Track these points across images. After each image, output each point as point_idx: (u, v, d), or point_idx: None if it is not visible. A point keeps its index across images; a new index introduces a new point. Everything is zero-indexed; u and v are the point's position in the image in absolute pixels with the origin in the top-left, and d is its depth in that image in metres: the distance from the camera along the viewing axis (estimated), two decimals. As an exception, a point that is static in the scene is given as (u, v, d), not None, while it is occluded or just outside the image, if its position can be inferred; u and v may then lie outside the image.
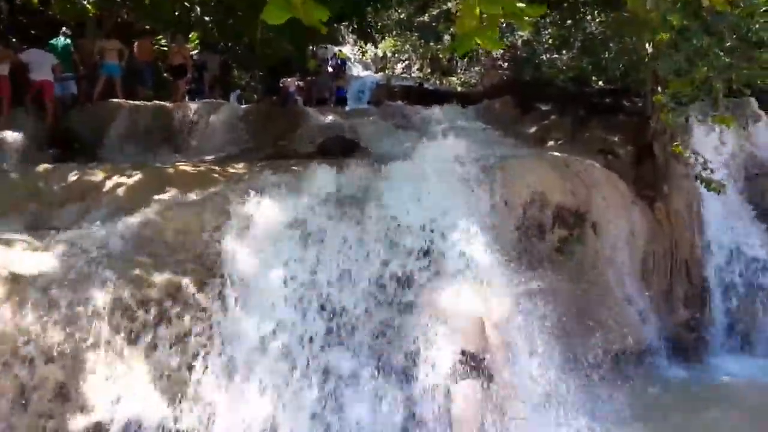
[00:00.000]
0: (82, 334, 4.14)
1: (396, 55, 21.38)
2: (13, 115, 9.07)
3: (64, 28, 10.89)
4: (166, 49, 13.43)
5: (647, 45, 9.27)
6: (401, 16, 15.97)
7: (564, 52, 13.26)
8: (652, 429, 5.11)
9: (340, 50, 19.22)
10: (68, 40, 10.74)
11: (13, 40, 11.30)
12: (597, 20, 12.38)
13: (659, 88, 8.36)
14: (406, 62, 21.51)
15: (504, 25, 9.77)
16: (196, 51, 14.09)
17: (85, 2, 11.31)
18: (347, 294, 4.66)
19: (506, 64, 15.53)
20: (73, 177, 6.05)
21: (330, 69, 17.17)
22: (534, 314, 5.15)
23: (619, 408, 5.70)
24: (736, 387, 6.82)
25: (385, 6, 12.51)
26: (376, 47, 19.33)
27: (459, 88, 17.37)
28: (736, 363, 7.66)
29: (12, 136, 8.26)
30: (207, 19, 11.82)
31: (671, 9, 7.50)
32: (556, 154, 8.05)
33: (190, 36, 13.75)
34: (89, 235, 4.77)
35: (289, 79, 14.62)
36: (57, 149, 8.66)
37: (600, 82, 13.26)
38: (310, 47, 14.43)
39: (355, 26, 12.74)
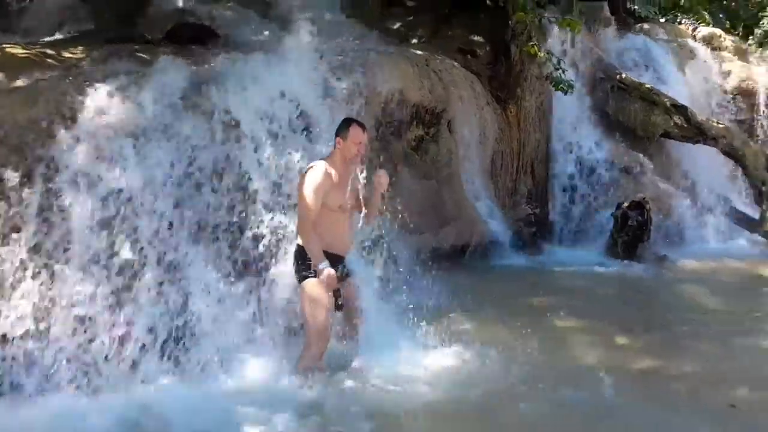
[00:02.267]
0: None
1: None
2: None
3: None
4: None
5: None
6: None
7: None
8: (490, 311, 5.55)
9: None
10: None
11: None
12: None
13: (519, -12, 8.48)
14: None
15: None
16: None
17: None
18: (192, 191, 4.55)
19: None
20: None
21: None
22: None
23: (462, 294, 6.13)
24: (567, 274, 7.53)
25: None
26: None
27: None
28: (570, 254, 8.42)
29: None
30: None
31: None
32: (418, 51, 8.07)
33: None
34: None
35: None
36: None
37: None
38: None
39: None
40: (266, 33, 7.87)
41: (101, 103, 4.54)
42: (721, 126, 10.29)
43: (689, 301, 6.79)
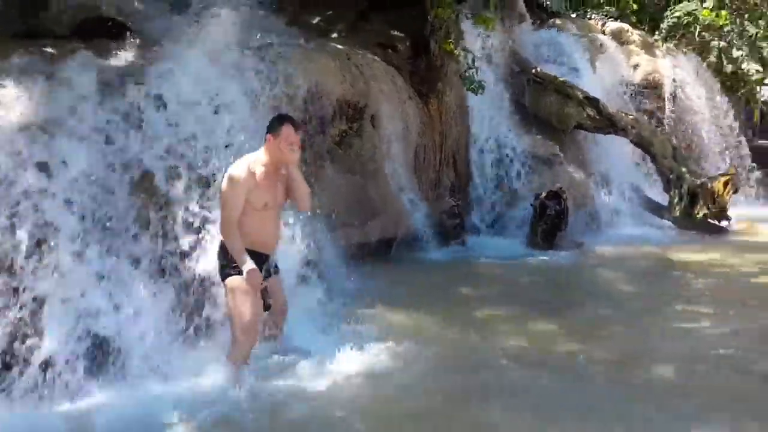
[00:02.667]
0: None
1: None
2: None
3: None
4: None
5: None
6: None
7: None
8: (417, 304, 5.60)
9: None
10: None
11: None
12: None
13: (437, -17, 8.59)
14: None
15: None
16: None
17: None
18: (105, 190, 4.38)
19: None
20: None
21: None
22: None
23: (388, 287, 6.18)
24: (490, 264, 7.70)
25: None
26: None
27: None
28: (493, 244, 8.62)
29: None
30: None
31: None
32: (338, 46, 8.04)
33: None
34: None
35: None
36: None
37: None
38: None
39: None
40: (181, 27, 7.64)
41: (6, 99, 4.30)
42: (630, 117, 10.78)
43: (606, 286, 7.08)
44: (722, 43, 13.95)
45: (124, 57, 5.59)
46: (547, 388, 4.14)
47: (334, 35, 9.31)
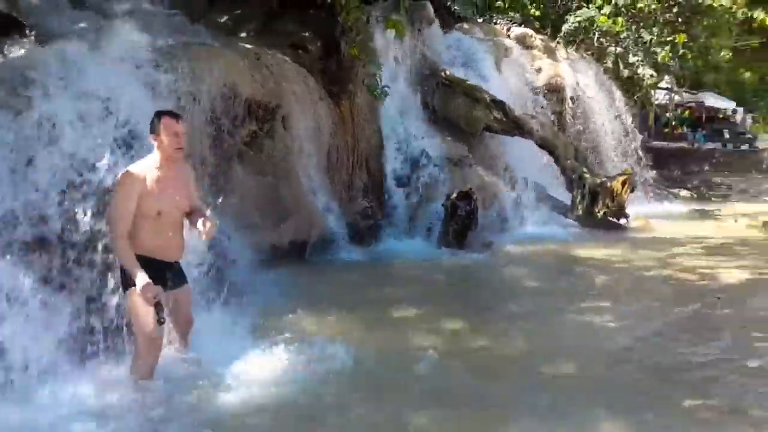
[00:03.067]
0: None
1: None
2: None
3: None
4: None
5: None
6: None
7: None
8: (331, 306, 5.58)
9: None
10: None
11: None
12: None
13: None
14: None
15: None
16: None
17: None
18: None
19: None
20: None
21: None
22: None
23: (302, 290, 6.14)
24: (403, 265, 7.78)
25: None
26: None
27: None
28: (406, 245, 8.70)
29: None
30: None
31: None
32: (247, 46, 7.90)
33: None
34: None
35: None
36: None
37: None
38: None
39: None
40: (81, 24, 7.29)
41: None
42: (534, 120, 11.17)
43: (514, 284, 7.30)
44: (619, 49, 14.69)
45: (17, 53, 5.28)
46: (460, 383, 4.23)
47: (243, 35, 9.16)
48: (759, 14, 14.38)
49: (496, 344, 5.00)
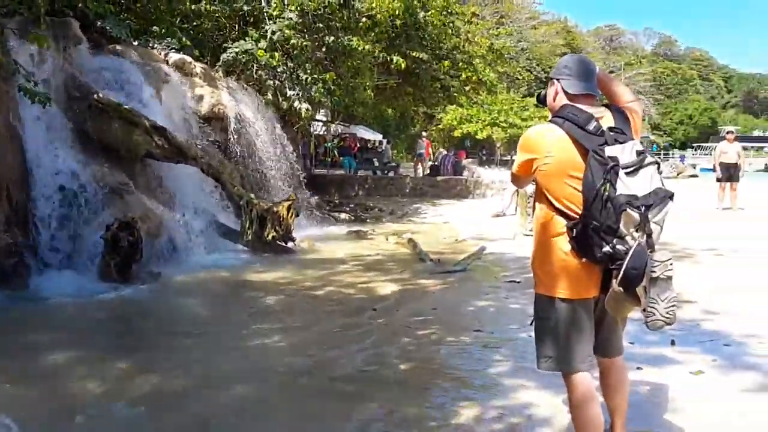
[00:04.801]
0: None
1: None
2: None
3: None
4: None
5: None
6: None
7: None
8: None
9: None
10: None
11: None
12: None
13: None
14: None
15: None
16: None
17: None
18: None
19: None
20: None
21: None
22: None
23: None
24: (59, 305, 6.98)
25: None
26: None
27: None
28: (62, 282, 7.80)
29: None
30: None
31: None
32: None
33: None
34: None
35: None
36: None
37: None
38: None
39: None
40: None
41: None
42: (199, 147, 11.04)
43: (183, 314, 7.07)
44: (278, 83, 15.37)
45: None
46: (126, 427, 3.90)
47: None
48: (396, 57, 16.35)
49: (168, 379, 4.74)
